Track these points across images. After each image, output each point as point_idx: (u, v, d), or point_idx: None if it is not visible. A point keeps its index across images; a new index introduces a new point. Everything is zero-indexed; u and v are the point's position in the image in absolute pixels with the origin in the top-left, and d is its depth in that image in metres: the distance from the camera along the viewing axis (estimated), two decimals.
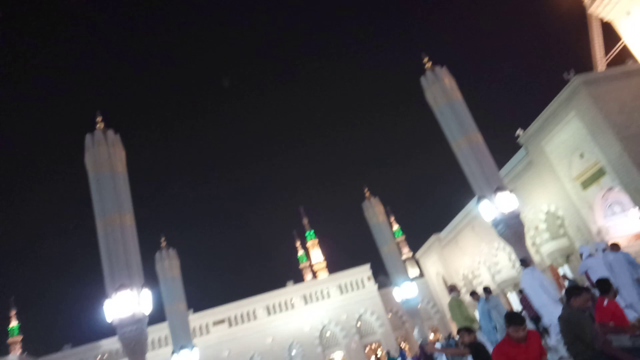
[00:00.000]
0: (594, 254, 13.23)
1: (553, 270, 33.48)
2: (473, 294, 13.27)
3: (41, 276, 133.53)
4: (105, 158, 18.71)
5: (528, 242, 29.81)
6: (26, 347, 56.71)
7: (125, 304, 16.83)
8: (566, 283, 21.71)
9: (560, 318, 5.33)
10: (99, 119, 19.67)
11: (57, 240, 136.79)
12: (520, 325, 5.00)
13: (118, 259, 17.41)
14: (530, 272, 12.42)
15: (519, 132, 33.50)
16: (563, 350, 5.19)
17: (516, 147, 34.63)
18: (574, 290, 5.52)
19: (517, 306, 34.84)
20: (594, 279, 11.80)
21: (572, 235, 31.60)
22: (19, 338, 56.84)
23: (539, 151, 32.04)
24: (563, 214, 31.66)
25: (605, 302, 5.63)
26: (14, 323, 57.16)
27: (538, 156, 32.29)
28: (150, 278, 27.23)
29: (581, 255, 13.36)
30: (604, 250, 14.23)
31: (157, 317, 32.62)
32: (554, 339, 10.47)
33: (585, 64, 37.87)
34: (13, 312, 57.72)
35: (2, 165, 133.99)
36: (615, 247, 13.15)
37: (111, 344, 42.36)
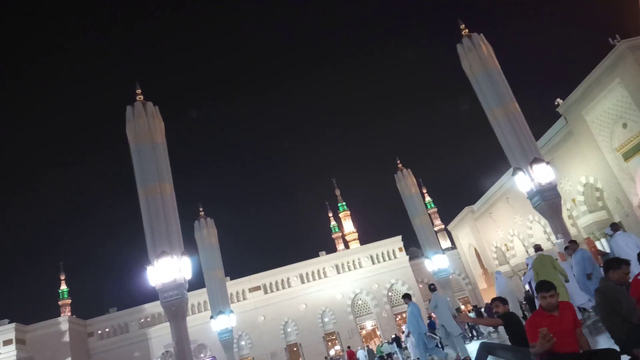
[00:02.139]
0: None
1: (590, 243, 32.81)
2: (406, 296, 13.45)
3: (88, 243, 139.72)
4: (145, 129, 19.22)
5: (564, 214, 29.26)
6: (75, 309, 60.25)
7: (166, 270, 17.58)
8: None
9: (597, 291, 5.36)
10: (138, 91, 20.13)
11: (103, 209, 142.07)
12: (547, 292, 5.05)
13: (159, 227, 18.09)
14: (625, 235, 12.76)
15: (558, 101, 32.44)
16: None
17: (555, 117, 33.60)
18: (612, 262, 5.50)
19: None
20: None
21: (611, 207, 30.79)
22: (68, 301, 60.34)
23: (579, 121, 30.99)
24: (602, 185, 30.79)
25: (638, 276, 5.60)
26: (63, 287, 60.62)
27: (578, 126, 31.26)
28: (190, 246, 28.20)
29: (527, 265, 13.64)
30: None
31: (197, 283, 33.84)
32: None
33: (631, 28, 36.01)
34: (63, 277, 61.20)
35: (51, 137, 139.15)
36: (573, 244, 13.37)
37: (153, 307, 44.34)
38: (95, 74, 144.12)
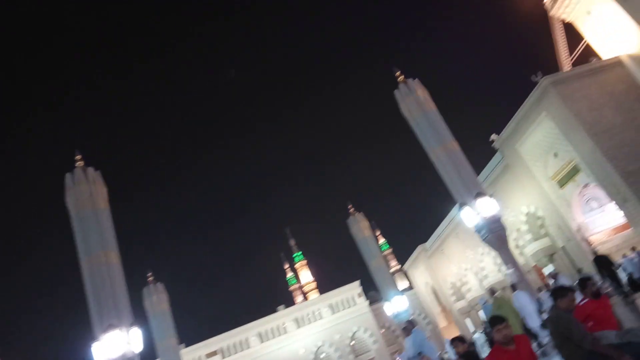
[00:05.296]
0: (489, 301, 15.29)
1: (538, 270, 33.88)
2: None
3: (24, 319, 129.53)
4: (87, 196, 18.48)
5: (511, 244, 30.22)
6: None
7: (114, 344, 16.45)
8: (552, 282, 22.02)
9: (549, 320, 5.46)
10: (78, 157, 19.50)
11: (40, 282, 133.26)
12: (501, 324, 5.12)
13: (105, 298, 17.07)
14: (523, 294, 14.48)
15: (494, 136, 34.15)
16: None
17: (492, 152, 35.29)
18: (559, 291, 5.63)
19: None
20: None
21: (553, 234, 32.11)
22: None
23: (514, 154, 32.68)
24: (543, 213, 32.19)
25: (583, 302, 5.79)
26: None
27: (514, 159, 32.92)
28: (139, 315, 26.73)
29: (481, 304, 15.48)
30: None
31: (148, 354, 31.82)
32: None
33: (551, 65, 39.06)
34: None
35: None
36: (410, 324, 14.25)
37: None
38: (32, 144, 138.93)
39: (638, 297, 15.83)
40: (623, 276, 20.39)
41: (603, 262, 16.05)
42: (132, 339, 16.77)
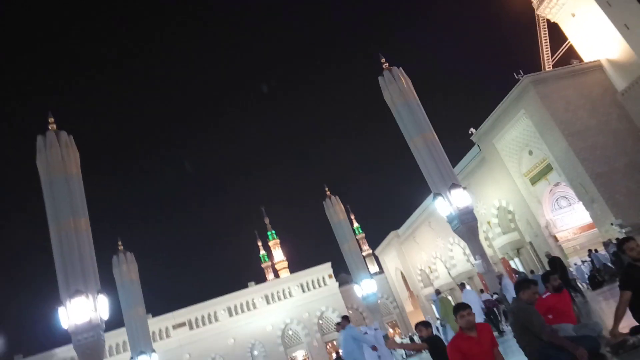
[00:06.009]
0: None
1: (505, 263, 34.82)
2: None
3: None
4: (59, 160, 18.02)
5: (481, 236, 30.91)
6: None
7: (80, 310, 16.33)
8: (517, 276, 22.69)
9: (510, 311, 5.67)
10: (51, 119, 18.96)
11: (6, 246, 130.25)
12: (465, 310, 5.30)
13: (73, 264, 16.85)
14: (471, 292, 16.20)
15: (472, 130, 34.61)
16: None
17: (469, 145, 35.78)
18: (522, 283, 5.85)
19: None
20: None
21: (522, 229, 32.96)
22: None
23: (490, 148, 33.20)
24: (514, 208, 32.96)
25: (544, 295, 6.05)
26: None
27: (490, 153, 33.46)
28: (107, 283, 26.53)
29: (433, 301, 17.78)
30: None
31: (115, 322, 31.66)
32: None
33: (534, 64, 39.57)
34: None
35: None
36: (344, 320, 14.10)
37: (66, 352, 40.66)
38: (2, 103, 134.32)
39: (594, 295, 16.55)
40: (586, 271, 21.57)
41: (557, 264, 16.60)
42: (98, 305, 16.68)
